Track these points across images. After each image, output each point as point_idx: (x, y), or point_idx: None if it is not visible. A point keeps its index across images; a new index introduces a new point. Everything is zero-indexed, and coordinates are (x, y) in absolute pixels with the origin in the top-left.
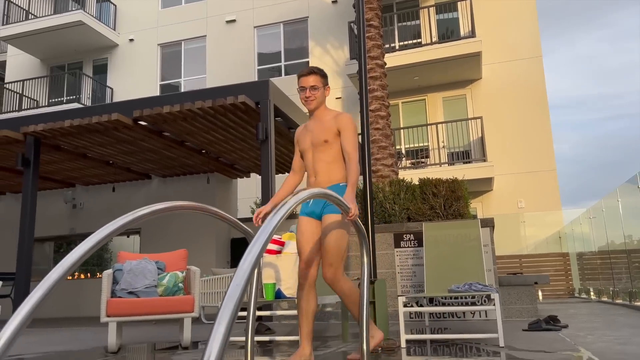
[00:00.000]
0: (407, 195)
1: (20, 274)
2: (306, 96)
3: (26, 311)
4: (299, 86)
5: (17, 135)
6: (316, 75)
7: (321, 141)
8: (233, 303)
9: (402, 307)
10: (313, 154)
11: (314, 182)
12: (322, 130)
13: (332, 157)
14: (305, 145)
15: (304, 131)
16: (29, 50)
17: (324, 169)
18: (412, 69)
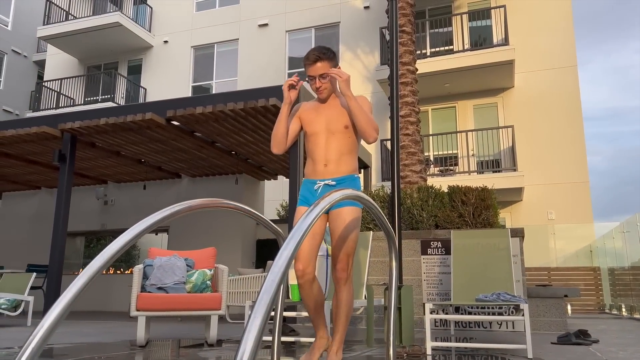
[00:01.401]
0: (436, 202)
1: (52, 266)
2: (317, 87)
3: (68, 299)
4: (306, 74)
5: (55, 132)
6: (323, 61)
7: (341, 127)
8: (268, 297)
9: (429, 314)
10: (327, 140)
11: (323, 170)
12: (342, 114)
13: (349, 147)
14: (317, 128)
15: (313, 112)
16: (68, 50)
17: (337, 159)
18: (443, 75)
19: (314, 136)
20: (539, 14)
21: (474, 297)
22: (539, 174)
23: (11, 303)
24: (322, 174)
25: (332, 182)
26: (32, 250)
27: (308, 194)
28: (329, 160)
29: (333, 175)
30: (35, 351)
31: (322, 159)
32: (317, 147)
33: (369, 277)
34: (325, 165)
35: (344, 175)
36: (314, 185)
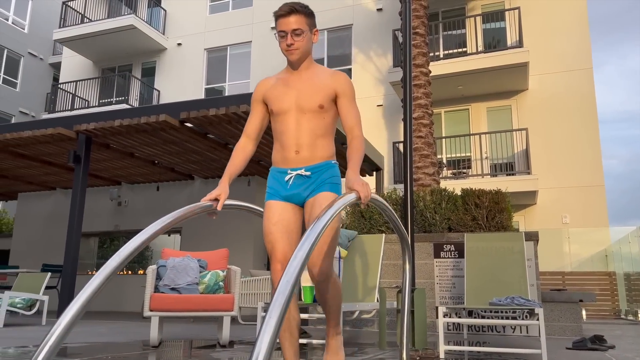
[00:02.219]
0: (449, 205)
1: (67, 267)
2: (287, 44)
3: (84, 299)
4: (277, 30)
5: (70, 133)
6: (299, 14)
7: (314, 106)
8: (283, 298)
9: (442, 318)
10: (297, 120)
11: (295, 158)
12: (315, 90)
13: (324, 129)
14: (285, 104)
15: (279, 86)
16: (83, 52)
17: (311, 143)
18: (456, 78)
19: (281, 115)
20: (553, 15)
21: (487, 300)
22: (554, 178)
23: (26, 302)
24: (294, 161)
25: (305, 172)
26: (46, 250)
27: (277, 185)
28: (300, 146)
29: (307, 163)
30: (52, 350)
31: (292, 143)
32: (286, 129)
33: (381, 280)
34: (297, 151)
35: (319, 162)
36: (284, 175)
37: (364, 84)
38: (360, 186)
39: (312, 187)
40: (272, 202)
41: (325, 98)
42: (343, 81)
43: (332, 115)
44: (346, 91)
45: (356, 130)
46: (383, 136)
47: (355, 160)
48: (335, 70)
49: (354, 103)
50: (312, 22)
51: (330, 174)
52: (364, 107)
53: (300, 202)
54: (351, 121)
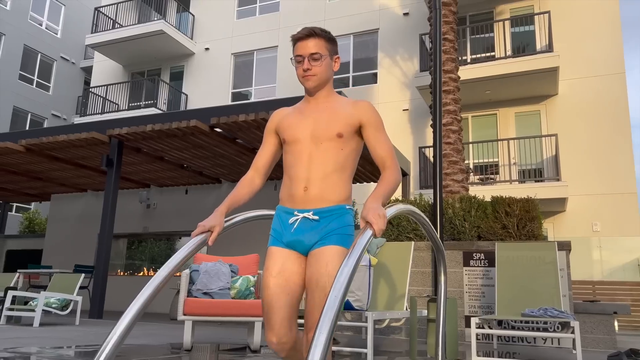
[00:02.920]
0: (479, 212)
1: (99, 267)
2: (304, 69)
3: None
4: (294, 55)
5: (103, 137)
6: (318, 38)
7: (332, 133)
8: (333, 313)
9: (475, 328)
10: (310, 151)
11: (302, 196)
12: (334, 117)
13: (339, 163)
14: (297, 133)
15: (294, 115)
16: (113, 56)
17: (322, 178)
18: (484, 82)
19: (293, 145)
20: (585, 19)
21: (519, 311)
22: (584, 184)
23: (61, 302)
24: (302, 201)
25: (313, 215)
26: (78, 250)
27: (281, 228)
28: (310, 181)
29: (316, 205)
30: (111, 354)
31: (301, 177)
32: (297, 160)
33: (409, 288)
34: (306, 188)
35: (331, 205)
36: (289, 217)
37: (389, 88)
38: (376, 217)
39: (318, 236)
40: (274, 249)
41: (345, 127)
42: (367, 109)
43: (351, 148)
44: (371, 119)
45: (388, 161)
46: (409, 141)
47: (381, 188)
48: (357, 99)
49: (383, 132)
50: (333, 48)
51: (342, 223)
52: (390, 111)
53: (304, 250)
54: (382, 151)
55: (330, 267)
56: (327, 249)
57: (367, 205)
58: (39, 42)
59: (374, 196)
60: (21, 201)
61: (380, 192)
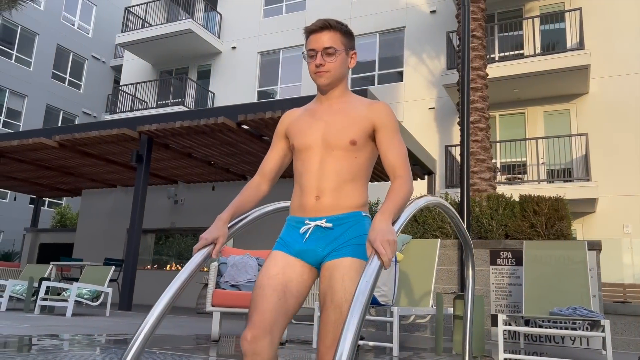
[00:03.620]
0: (506, 211)
1: (128, 261)
2: (317, 64)
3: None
4: (306, 49)
5: (133, 134)
6: (333, 30)
7: (344, 141)
8: (364, 297)
9: (502, 326)
10: (322, 159)
11: (315, 205)
12: (348, 122)
13: (354, 171)
14: (307, 139)
15: (305, 118)
16: (143, 55)
17: (336, 188)
18: (512, 80)
19: (303, 152)
20: (617, 16)
21: (547, 310)
22: (615, 185)
23: (92, 294)
24: (313, 209)
25: (326, 223)
26: (107, 244)
27: (290, 237)
28: (322, 190)
29: (329, 213)
30: (143, 342)
31: (313, 187)
32: (308, 169)
33: (435, 285)
34: (318, 197)
35: (345, 212)
36: (300, 226)
37: (416, 87)
38: (385, 245)
39: (332, 246)
40: (278, 252)
41: (359, 133)
42: (382, 111)
43: (366, 155)
44: (386, 122)
45: (400, 170)
46: (435, 139)
47: (391, 202)
48: (374, 100)
49: (397, 137)
50: (349, 42)
51: (358, 231)
52: (416, 109)
53: (316, 261)
54: (393, 158)
55: (347, 282)
56: (342, 261)
57: (375, 225)
58: (71, 41)
59: (382, 213)
60: (53, 196)
61: (390, 208)
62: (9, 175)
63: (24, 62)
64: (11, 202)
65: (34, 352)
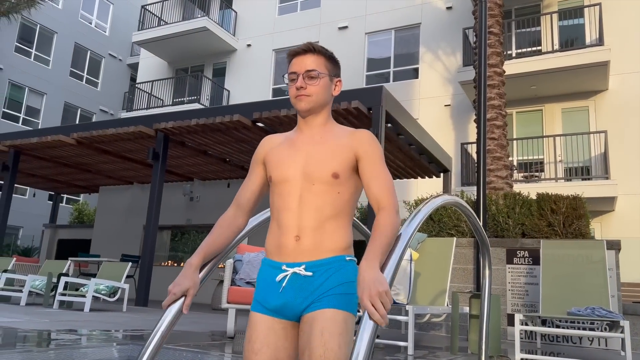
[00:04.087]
0: (523, 209)
1: (145, 257)
2: (297, 87)
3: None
4: (288, 72)
5: (149, 131)
6: (318, 54)
7: (326, 174)
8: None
9: (519, 325)
10: (302, 194)
11: (294, 247)
12: (329, 153)
13: (337, 208)
14: (286, 171)
15: (284, 148)
16: (159, 53)
17: (317, 227)
18: (529, 77)
19: (282, 185)
20: (637, 11)
21: (564, 309)
22: (634, 183)
23: (109, 289)
24: (292, 253)
25: (306, 271)
26: (124, 240)
27: (266, 287)
28: (303, 229)
29: (309, 257)
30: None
31: (292, 225)
32: (286, 204)
33: (450, 284)
34: (297, 237)
35: (327, 256)
36: (277, 272)
37: (431, 84)
38: (375, 300)
39: (313, 296)
40: (256, 317)
41: (341, 164)
42: (364, 138)
43: (350, 190)
44: (368, 150)
45: (385, 200)
46: (450, 137)
47: (377, 244)
48: (356, 129)
49: (381, 165)
50: (333, 68)
51: (341, 279)
52: (431, 107)
53: (296, 315)
54: (377, 188)
55: (327, 335)
56: (323, 313)
57: (362, 276)
58: (88, 40)
59: (367, 259)
60: (71, 192)
61: (376, 250)
62: (29, 172)
63: (43, 60)
64: (30, 199)
65: (52, 347)
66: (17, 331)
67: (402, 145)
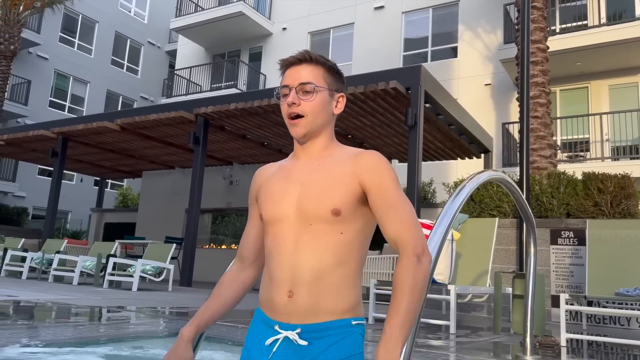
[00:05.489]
0: (568, 189)
1: (187, 239)
2: (289, 103)
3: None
4: (280, 85)
5: (190, 116)
6: (315, 65)
7: (324, 211)
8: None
9: (564, 305)
10: (297, 236)
11: (286, 305)
12: (328, 184)
13: (340, 254)
14: (278, 209)
15: (279, 180)
16: (196, 39)
17: (315, 280)
18: (574, 53)
19: (274, 226)
20: None
21: (611, 290)
22: None
23: (155, 270)
24: (285, 311)
25: (300, 338)
26: (166, 223)
27: (254, 348)
28: (297, 284)
29: (305, 320)
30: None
31: (284, 277)
32: (279, 250)
33: (492, 266)
34: (291, 293)
35: (328, 319)
36: (268, 332)
37: (470, 63)
38: None
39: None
40: None
41: (343, 197)
42: (371, 163)
43: (357, 227)
44: (377, 179)
45: (404, 240)
46: (491, 117)
47: (397, 316)
48: (361, 150)
49: (395, 194)
50: (334, 82)
51: (345, 351)
52: (471, 86)
53: None
54: (393, 225)
55: None
56: None
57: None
58: (128, 28)
59: (386, 340)
60: (115, 178)
61: (396, 326)
62: (76, 158)
63: (86, 49)
64: (78, 184)
65: (104, 322)
66: (71, 307)
67: (441, 125)
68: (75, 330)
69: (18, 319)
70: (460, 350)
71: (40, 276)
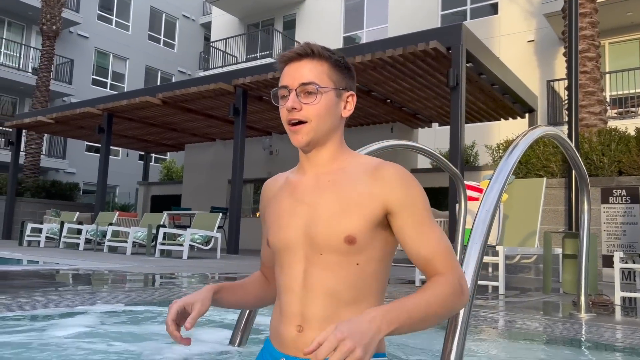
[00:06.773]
0: (620, 146)
1: (232, 209)
2: (289, 107)
3: None
4: (279, 85)
5: (229, 87)
6: (318, 60)
7: (336, 239)
8: (485, 225)
9: (619, 264)
10: (307, 267)
11: (295, 339)
12: (340, 206)
13: (356, 287)
14: (284, 235)
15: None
16: (229, 10)
17: (328, 316)
18: (624, 3)
19: (282, 254)
20: None
21: None
22: None
23: (203, 238)
24: (293, 346)
25: None
26: (210, 194)
27: None
28: (308, 320)
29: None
30: None
31: (294, 312)
32: (288, 282)
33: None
34: (300, 327)
35: None
36: None
37: (512, 19)
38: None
39: None
40: None
41: (360, 222)
42: (396, 181)
43: (375, 256)
44: (406, 200)
45: (451, 266)
46: (535, 75)
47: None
48: (380, 162)
49: (428, 220)
50: (342, 79)
51: None
52: (513, 44)
53: None
54: (433, 248)
55: None
56: None
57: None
58: (162, 2)
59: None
60: (159, 151)
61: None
62: (121, 133)
63: (123, 26)
64: (124, 159)
65: (157, 287)
66: (127, 274)
67: (484, 85)
68: (147, 294)
69: (83, 285)
70: (511, 309)
71: (96, 247)
